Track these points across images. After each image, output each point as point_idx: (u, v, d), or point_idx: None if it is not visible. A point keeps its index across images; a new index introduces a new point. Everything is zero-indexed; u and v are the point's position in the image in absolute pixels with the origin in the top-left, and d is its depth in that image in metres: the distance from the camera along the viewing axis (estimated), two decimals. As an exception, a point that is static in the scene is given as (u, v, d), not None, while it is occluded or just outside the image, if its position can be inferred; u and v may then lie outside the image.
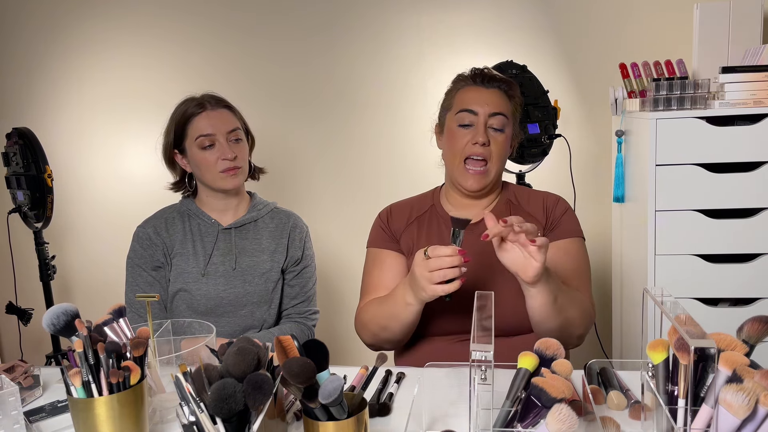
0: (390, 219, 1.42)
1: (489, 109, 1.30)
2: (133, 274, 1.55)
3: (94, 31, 2.50)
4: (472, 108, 1.31)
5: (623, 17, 2.23)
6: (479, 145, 1.29)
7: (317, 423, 0.80)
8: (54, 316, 0.93)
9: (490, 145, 1.30)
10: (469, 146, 1.30)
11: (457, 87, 1.38)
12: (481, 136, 1.29)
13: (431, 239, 1.34)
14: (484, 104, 1.30)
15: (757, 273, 1.75)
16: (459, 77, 1.39)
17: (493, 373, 0.77)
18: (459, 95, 1.35)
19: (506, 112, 1.32)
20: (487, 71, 1.36)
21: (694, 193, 1.74)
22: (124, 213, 2.48)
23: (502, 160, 1.34)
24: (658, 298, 0.84)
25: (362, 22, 2.38)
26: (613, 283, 2.30)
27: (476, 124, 1.30)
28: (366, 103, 2.42)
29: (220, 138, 1.50)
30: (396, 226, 1.40)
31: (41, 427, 1.06)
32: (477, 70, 1.36)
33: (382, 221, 1.43)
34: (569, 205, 1.40)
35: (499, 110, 1.31)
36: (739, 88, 1.71)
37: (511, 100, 1.35)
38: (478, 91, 1.33)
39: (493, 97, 1.32)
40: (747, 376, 0.69)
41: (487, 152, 1.30)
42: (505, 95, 1.34)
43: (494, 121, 1.30)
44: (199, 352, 1.00)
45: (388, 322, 1.26)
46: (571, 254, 1.32)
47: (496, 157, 1.31)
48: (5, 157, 2.19)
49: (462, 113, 1.32)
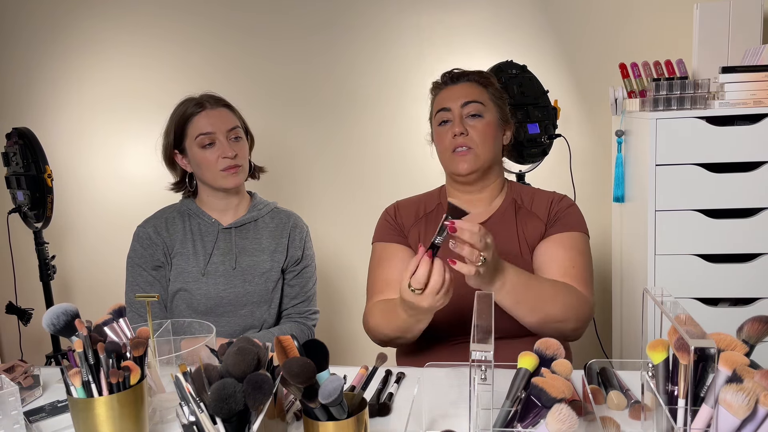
0: (397, 214, 1.43)
1: (460, 101, 1.34)
2: (134, 274, 1.55)
3: (93, 31, 2.50)
4: (445, 105, 1.36)
5: (623, 17, 2.23)
6: (458, 136, 1.32)
7: (317, 423, 0.80)
8: (54, 316, 0.93)
9: (470, 133, 1.32)
10: (451, 141, 1.34)
11: (434, 94, 1.43)
12: (458, 127, 1.32)
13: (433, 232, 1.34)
14: (455, 99, 1.35)
15: (757, 273, 1.75)
16: (434, 84, 1.44)
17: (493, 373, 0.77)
18: (435, 100, 1.41)
19: (480, 99, 1.35)
20: (456, 70, 1.41)
21: (694, 193, 1.74)
22: (124, 213, 2.48)
23: (489, 144, 1.34)
24: (658, 298, 0.84)
25: (362, 21, 2.38)
26: (613, 283, 2.30)
27: (452, 119, 1.34)
28: (366, 103, 2.42)
29: (220, 136, 1.50)
30: (404, 221, 1.41)
31: (41, 427, 1.05)
32: (446, 72, 1.41)
33: (389, 215, 1.44)
34: (575, 204, 1.39)
35: (471, 99, 1.34)
36: (739, 88, 1.71)
37: (488, 88, 1.38)
38: (449, 89, 1.38)
39: (463, 90, 1.36)
40: (747, 376, 0.69)
41: (469, 140, 1.32)
42: (478, 84, 1.38)
43: (468, 110, 1.34)
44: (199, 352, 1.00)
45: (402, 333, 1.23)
46: (566, 247, 1.31)
47: (480, 141, 1.32)
48: (5, 157, 2.19)
49: (439, 113, 1.37)
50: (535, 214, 1.36)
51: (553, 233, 1.33)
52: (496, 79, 1.42)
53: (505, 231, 1.35)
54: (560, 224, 1.34)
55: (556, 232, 1.33)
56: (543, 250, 1.32)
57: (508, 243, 1.34)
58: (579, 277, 1.28)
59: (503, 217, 1.37)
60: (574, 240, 1.32)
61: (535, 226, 1.35)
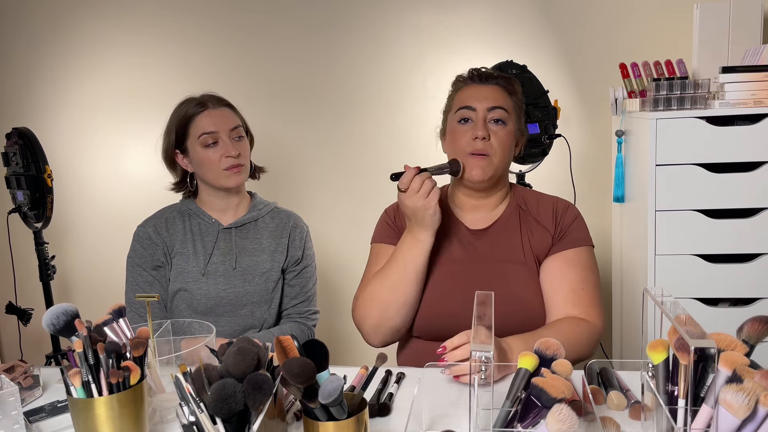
0: (397, 215, 1.42)
1: (487, 103, 1.30)
2: (134, 274, 1.55)
3: (93, 31, 2.50)
4: (470, 104, 1.31)
5: (623, 17, 2.23)
6: (479, 140, 1.28)
7: (317, 423, 0.80)
8: (54, 316, 0.93)
9: (491, 139, 1.29)
10: (469, 142, 1.29)
11: (456, 88, 1.38)
12: (481, 130, 1.28)
13: (437, 237, 1.34)
14: (482, 99, 1.30)
15: (757, 273, 1.75)
16: (458, 78, 1.39)
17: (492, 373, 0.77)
18: (458, 95, 1.35)
19: (506, 107, 1.31)
20: (485, 70, 1.36)
21: (694, 193, 1.74)
22: (124, 213, 2.48)
23: (505, 153, 1.31)
24: (658, 298, 0.84)
25: (362, 21, 2.38)
26: (613, 283, 2.30)
27: (476, 120, 1.30)
28: (366, 103, 2.42)
29: (223, 136, 1.50)
30: (402, 222, 1.39)
31: (41, 427, 1.05)
32: (474, 69, 1.37)
33: (389, 217, 1.43)
34: (578, 212, 1.38)
35: (498, 104, 1.30)
36: (739, 88, 1.71)
37: (512, 96, 1.34)
38: (476, 88, 1.33)
39: (491, 92, 1.32)
40: (747, 376, 0.69)
41: (488, 146, 1.28)
42: (505, 91, 1.34)
43: (494, 115, 1.30)
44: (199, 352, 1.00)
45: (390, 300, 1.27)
46: (575, 265, 1.30)
47: (499, 149, 1.29)
48: (5, 157, 2.19)
49: (461, 110, 1.32)
50: (540, 222, 1.34)
51: (561, 250, 1.31)
52: (520, 88, 1.39)
53: (510, 238, 1.34)
54: (568, 240, 1.32)
55: (564, 248, 1.31)
56: (552, 268, 1.31)
57: (512, 250, 1.32)
58: (588, 299, 1.28)
59: (507, 224, 1.35)
60: (581, 256, 1.31)
61: (541, 237, 1.32)
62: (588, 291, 1.29)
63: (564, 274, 1.29)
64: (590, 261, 1.33)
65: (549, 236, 1.32)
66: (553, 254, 1.31)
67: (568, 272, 1.29)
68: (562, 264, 1.30)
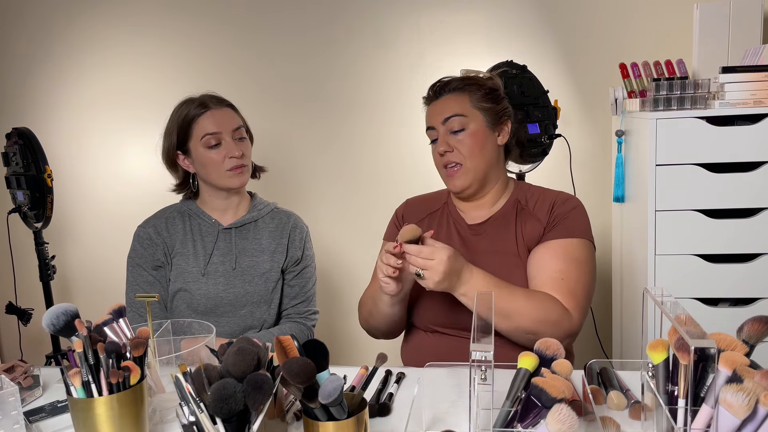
0: (404, 214, 1.47)
1: (441, 117, 1.33)
2: (134, 274, 1.55)
3: (93, 31, 2.50)
4: (430, 124, 1.37)
5: (623, 17, 2.23)
6: (444, 155, 1.33)
7: (317, 423, 0.80)
8: (54, 316, 0.93)
9: (456, 149, 1.32)
10: (439, 159, 1.35)
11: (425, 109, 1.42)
12: (442, 146, 1.33)
13: (440, 237, 1.35)
14: (437, 115, 1.35)
15: (757, 273, 1.75)
16: (423, 100, 1.43)
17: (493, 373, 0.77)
18: (425, 116, 1.40)
19: (461, 111, 1.32)
20: (438, 83, 1.38)
21: (694, 193, 1.74)
22: (124, 213, 2.48)
23: (476, 155, 1.32)
24: (658, 298, 0.84)
25: (362, 21, 2.38)
26: (613, 283, 2.30)
27: (438, 136, 1.35)
28: (366, 103, 2.42)
29: (225, 136, 1.50)
30: (409, 221, 1.42)
31: (41, 427, 1.06)
32: (431, 86, 1.40)
33: (397, 216, 1.48)
34: (578, 205, 1.35)
35: (450, 113, 1.32)
36: (739, 88, 1.71)
37: (471, 94, 1.34)
38: (433, 106, 1.38)
39: (443, 105, 1.35)
40: (747, 376, 0.69)
41: (455, 156, 1.32)
42: (459, 93, 1.34)
43: (449, 126, 1.33)
44: (199, 352, 1.00)
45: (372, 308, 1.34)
46: (560, 256, 1.26)
47: (467, 155, 1.31)
48: (5, 157, 2.19)
49: (427, 132, 1.38)
50: (535, 215, 1.34)
51: (551, 238, 1.29)
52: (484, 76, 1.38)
53: (504, 231, 1.34)
54: (559, 229, 1.29)
55: (554, 237, 1.29)
56: (536, 256, 1.29)
57: (506, 243, 1.33)
58: (567, 291, 1.22)
59: (503, 218, 1.36)
60: (570, 248, 1.27)
61: (533, 227, 1.32)
62: (568, 283, 1.23)
63: (545, 262, 1.27)
64: (579, 254, 1.28)
65: (541, 227, 1.32)
66: (542, 242, 1.30)
67: (549, 261, 1.26)
68: (544, 252, 1.28)
